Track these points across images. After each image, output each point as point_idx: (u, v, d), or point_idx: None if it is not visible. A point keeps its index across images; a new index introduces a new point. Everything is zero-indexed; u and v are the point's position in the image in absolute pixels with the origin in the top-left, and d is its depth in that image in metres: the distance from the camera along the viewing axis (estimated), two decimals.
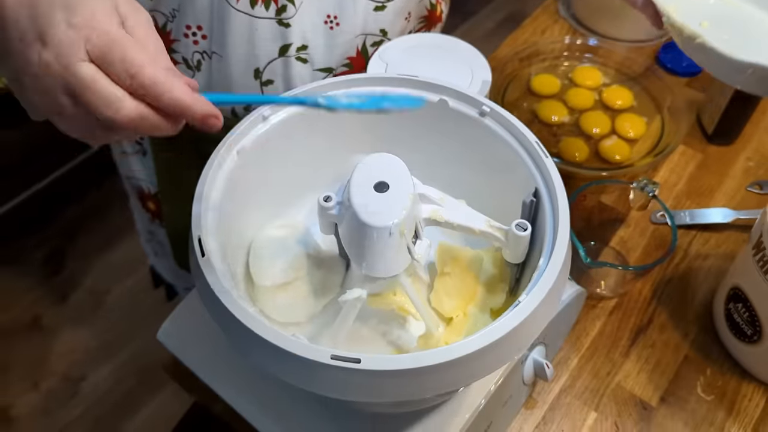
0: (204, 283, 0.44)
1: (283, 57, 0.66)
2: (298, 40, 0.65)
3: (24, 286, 1.68)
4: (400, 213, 0.46)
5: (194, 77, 0.67)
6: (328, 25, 0.66)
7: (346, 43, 0.66)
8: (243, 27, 0.64)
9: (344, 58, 0.67)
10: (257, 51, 0.65)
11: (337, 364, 0.40)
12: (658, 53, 0.92)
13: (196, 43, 0.66)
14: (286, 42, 0.65)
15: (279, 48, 0.65)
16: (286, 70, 0.67)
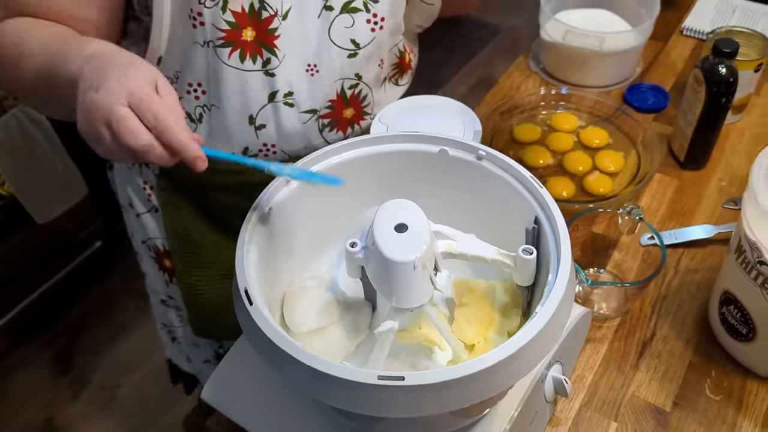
0: (255, 328, 0.48)
1: (272, 103, 0.74)
2: (284, 87, 0.74)
3: (35, 387, 1.68)
4: (421, 248, 0.51)
5: (197, 129, 0.76)
6: (309, 72, 0.74)
7: (326, 87, 0.75)
8: (235, 80, 0.72)
9: (326, 101, 0.76)
10: (249, 100, 0.74)
11: (384, 383, 0.45)
12: (625, 95, 1.01)
13: (197, 98, 0.74)
14: (274, 89, 0.73)
15: (268, 95, 0.74)
16: (276, 115, 0.75)
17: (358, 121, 0.80)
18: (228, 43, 0.70)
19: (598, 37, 0.95)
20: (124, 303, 1.86)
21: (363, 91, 0.78)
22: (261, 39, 0.71)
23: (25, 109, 1.43)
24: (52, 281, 1.72)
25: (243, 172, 0.74)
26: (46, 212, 1.58)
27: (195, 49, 0.71)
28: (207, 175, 0.57)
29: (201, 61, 0.72)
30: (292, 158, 0.78)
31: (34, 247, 1.68)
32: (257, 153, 0.78)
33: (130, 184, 0.88)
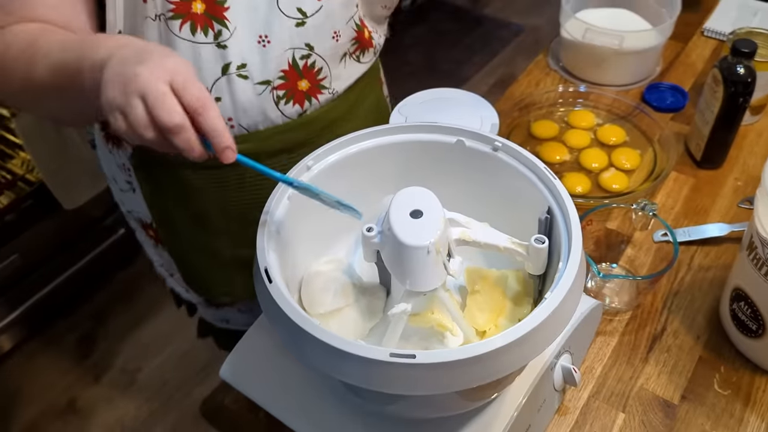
0: (274, 306, 0.51)
1: (226, 75, 0.75)
2: (237, 59, 0.75)
3: (58, 370, 1.73)
4: (435, 233, 0.53)
5: None
6: (261, 43, 0.75)
7: (277, 58, 0.75)
8: (188, 53, 0.73)
9: (279, 71, 0.76)
10: (203, 73, 0.74)
11: (395, 361, 0.46)
12: (644, 94, 1.01)
13: None
14: (226, 61, 0.74)
15: (221, 67, 0.74)
16: (230, 87, 0.75)
17: (315, 94, 0.80)
18: (178, 15, 0.71)
19: (617, 36, 0.96)
20: (147, 289, 1.90)
21: (317, 63, 0.78)
22: (211, 12, 0.72)
23: None
24: (78, 266, 1.77)
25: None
26: (73, 199, 1.62)
27: (147, 24, 0.72)
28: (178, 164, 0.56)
29: (154, 36, 0.73)
30: (250, 132, 0.79)
31: (61, 233, 1.72)
32: None
33: (114, 163, 0.90)
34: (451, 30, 2.66)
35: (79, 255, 1.77)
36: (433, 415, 0.60)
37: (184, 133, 0.51)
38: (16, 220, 1.64)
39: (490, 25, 2.69)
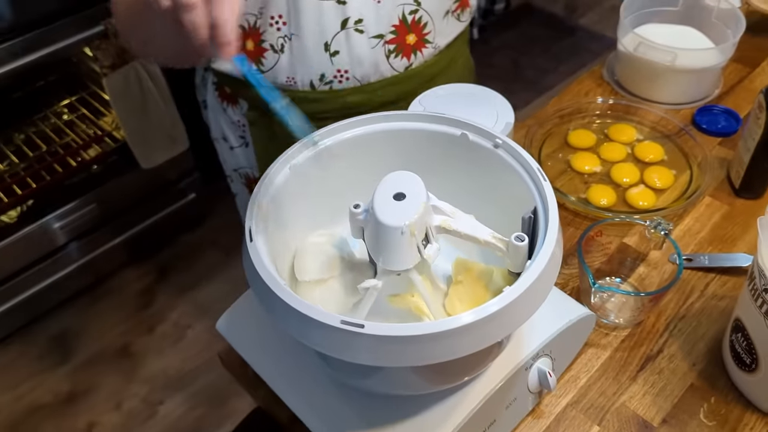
0: (249, 262, 0.54)
1: (344, 30, 0.83)
2: (355, 14, 0.82)
3: (119, 316, 1.86)
4: (412, 216, 0.55)
5: (279, 59, 0.85)
6: (375, 0, 0.82)
7: (389, 13, 0.83)
8: (313, 11, 0.81)
9: (390, 26, 0.84)
10: (324, 28, 0.82)
11: (345, 328, 0.49)
12: (694, 115, 0.98)
13: (278, 30, 0.84)
14: (345, 17, 0.82)
15: (340, 22, 0.82)
16: (348, 41, 0.83)
17: (420, 48, 0.87)
18: None
19: (670, 52, 0.93)
20: (207, 254, 2.00)
21: (423, 18, 0.85)
22: None
23: (144, 63, 1.58)
24: (148, 222, 1.89)
25: (319, 101, 0.87)
26: (151, 159, 1.73)
27: None
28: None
29: None
30: (362, 84, 0.87)
31: (138, 190, 1.85)
32: (332, 79, 0.87)
33: (224, 120, 1.00)
34: (542, 37, 2.63)
35: (150, 212, 1.89)
36: (398, 391, 0.62)
37: (193, 13, 0.51)
38: (101, 172, 1.77)
39: (582, 36, 2.63)
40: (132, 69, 1.57)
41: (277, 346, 0.68)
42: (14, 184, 1.65)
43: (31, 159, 1.72)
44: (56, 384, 1.71)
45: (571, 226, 0.86)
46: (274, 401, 0.68)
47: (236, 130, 0.99)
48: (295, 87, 0.87)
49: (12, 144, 1.75)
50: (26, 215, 1.68)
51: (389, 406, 0.63)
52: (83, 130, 1.79)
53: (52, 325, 1.83)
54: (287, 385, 0.67)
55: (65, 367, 1.75)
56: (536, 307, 0.53)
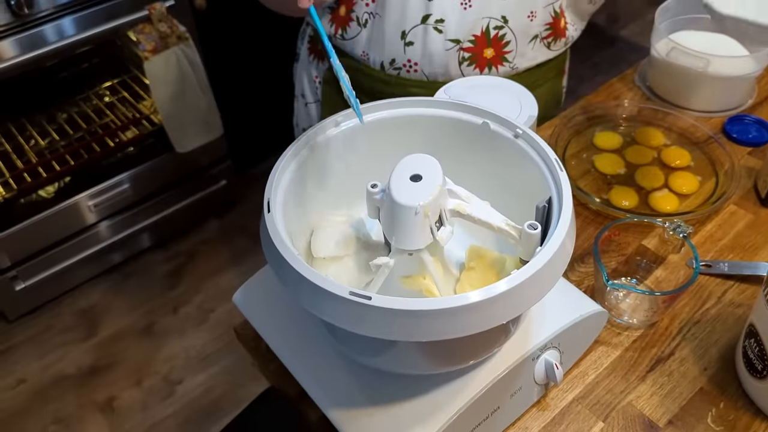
0: (266, 232, 0.56)
1: (424, 24, 0.85)
2: (438, 13, 0.83)
3: (145, 295, 1.90)
4: (427, 197, 0.56)
5: (360, 33, 0.88)
6: (463, 6, 0.84)
7: (473, 22, 0.84)
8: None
9: (470, 35, 0.85)
10: (405, 17, 0.84)
11: (353, 299, 0.50)
12: (725, 124, 0.97)
13: (366, 5, 0.87)
14: (428, 12, 0.84)
15: (422, 17, 0.84)
16: (425, 36, 0.85)
17: (497, 64, 0.88)
18: None
19: (703, 59, 0.93)
20: (236, 240, 2.04)
21: (507, 36, 0.86)
22: None
23: (185, 49, 1.62)
24: (180, 205, 1.93)
25: (386, 82, 0.90)
26: (185, 143, 1.77)
27: None
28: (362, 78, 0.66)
29: None
30: (429, 80, 0.89)
31: (171, 173, 1.89)
32: (401, 66, 0.89)
33: (306, 75, 1.04)
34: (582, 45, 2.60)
35: (182, 196, 1.93)
36: (404, 370, 0.63)
37: None
38: (136, 154, 1.82)
39: (622, 46, 2.61)
40: (172, 54, 1.61)
41: (289, 320, 0.70)
42: (53, 161, 1.71)
43: (71, 137, 1.77)
44: (80, 357, 1.76)
45: (592, 226, 0.86)
46: (283, 375, 0.70)
47: (313, 86, 1.03)
48: (367, 62, 0.90)
49: (55, 122, 1.81)
50: (63, 191, 1.73)
51: (395, 384, 0.64)
52: (123, 112, 1.84)
53: (80, 299, 1.88)
54: (296, 358, 0.68)
55: (90, 341, 1.80)
56: (544, 291, 0.53)
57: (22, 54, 1.43)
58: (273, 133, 2.12)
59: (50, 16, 1.47)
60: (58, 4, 1.47)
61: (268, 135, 2.13)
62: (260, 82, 2.01)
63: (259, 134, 2.12)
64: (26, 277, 1.73)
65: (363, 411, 0.62)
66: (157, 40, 1.58)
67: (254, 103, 2.03)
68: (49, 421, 1.63)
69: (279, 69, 1.92)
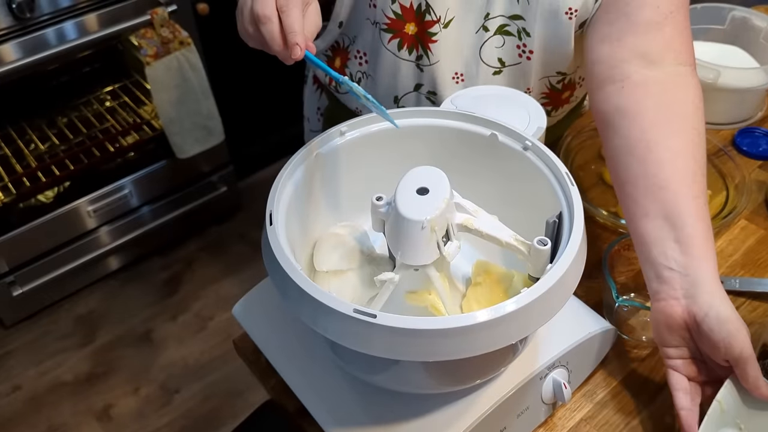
0: (267, 246, 0.54)
1: (416, 92, 0.83)
2: (429, 85, 0.82)
3: (144, 301, 1.88)
4: (434, 212, 0.55)
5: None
6: (455, 80, 0.82)
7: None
8: (390, 63, 0.82)
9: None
10: (398, 83, 0.83)
11: (357, 317, 0.48)
12: (735, 136, 0.95)
13: (360, 65, 0.86)
14: (420, 82, 0.82)
15: (414, 84, 0.83)
16: (418, 103, 0.84)
17: None
18: (391, 30, 0.80)
19: (713, 70, 0.91)
20: (235, 247, 2.02)
21: None
22: (420, 36, 0.79)
23: (186, 54, 1.60)
24: (180, 211, 1.91)
25: None
26: (186, 149, 1.76)
27: (366, 24, 0.82)
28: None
29: (368, 36, 0.82)
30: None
31: (171, 179, 1.87)
32: None
33: (311, 103, 1.03)
34: None
35: (182, 203, 1.92)
36: (408, 389, 0.61)
37: (269, 24, 0.56)
38: (136, 159, 1.80)
39: None
40: (174, 59, 1.60)
41: (290, 335, 0.68)
42: (53, 165, 1.69)
43: (71, 142, 1.76)
44: (78, 363, 1.74)
45: (600, 239, 0.84)
46: (283, 391, 0.68)
47: (315, 116, 1.03)
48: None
49: (55, 126, 1.79)
50: (62, 196, 1.71)
51: (398, 403, 0.62)
52: (123, 117, 1.82)
53: (79, 305, 1.86)
54: (297, 374, 0.66)
55: (88, 347, 1.77)
56: (554, 311, 0.52)
57: (24, 58, 1.42)
58: (275, 139, 2.12)
59: (52, 19, 1.46)
60: (60, 7, 1.46)
61: (270, 142, 2.13)
62: (262, 89, 1.99)
63: (261, 141, 2.11)
64: (24, 282, 1.72)
65: (367, 431, 0.60)
66: (158, 46, 1.56)
67: (256, 110, 2.02)
68: (44, 428, 1.61)
69: (282, 76, 1.92)
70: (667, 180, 0.64)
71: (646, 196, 0.64)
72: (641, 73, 0.70)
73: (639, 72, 0.70)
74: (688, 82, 0.70)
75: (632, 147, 0.67)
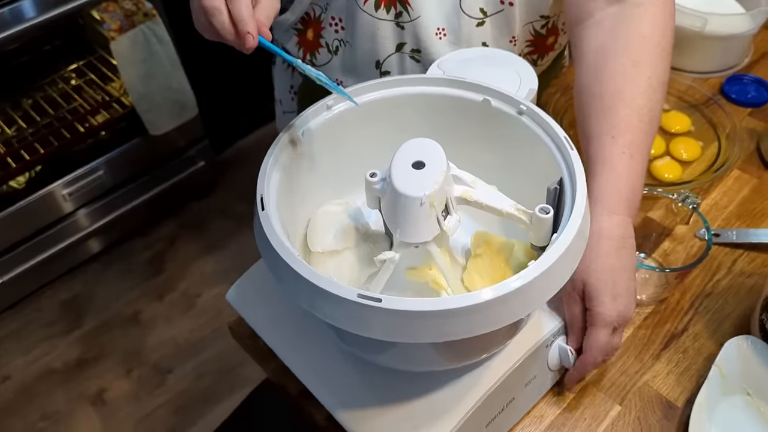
0: (261, 231, 0.52)
1: (399, 53, 0.79)
2: (413, 43, 0.78)
3: (128, 284, 1.85)
4: (432, 186, 0.53)
5: (331, 60, 0.83)
6: (438, 36, 0.78)
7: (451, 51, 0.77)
8: (367, 25, 0.78)
9: None
10: (378, 46, 0.79)
11: (362, 302, 0.47)
12: (723, 84, 0.94)
13: (336, 32, 0.81)
14: (402, 41, 0.78)
15: (396, 45, 0.79)
16: (401, 65, 0.80)
17: None
18: None
19: (700, 18, 0.89)
20: (217, 222, 1.98)
21: None
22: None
23: (152, 26, 1.54)
24: (158, 189, 1.86)
25: None
26: (159, 125, 1.70)
27: None
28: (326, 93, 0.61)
29: (341, 2, 0.78)
30: None
31: (146, 157, 1.82)
32: None
33: (282, 82, 0.99)
34: None
35: (159, 180, 1.87)
36: (413, 367, 0.60)
37: (219, 15, 0.54)
38: (109, 139, 1.75)
39: None
40: (140, 32, 1.54)
41: (287, 317, 0.67)
42: (22, 150, 1.63)
43: (39, 124, 1.69)
44: (67, 350, 1.71)
45: None
46: (284, 373, 0.67)
47: (288, 96, 0.99)
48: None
49: (20, 109, 1.73)
50: (34, 181, 1.66)
51: (403, 381, 0.61)
52: (91, 95, 1.76)
53: (62, 291, 1.83)
54: (298, 357, 0.65)
55: (75, 333, 1.75)
56: (561, 283, 0.50)
57: None
58: (250, 110, 2.07)
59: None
60: None
61: (245, 112, 2.07)
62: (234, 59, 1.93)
63: (236, 112, 2.05)
64: (4, 271, 1.67)
65: (373, 411, 0.59)
66: (122, 19, 1.50)
67: (229, 81, 1.96)
68: (37, 417, 1.59)
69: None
70: (590, 129, 0.66)
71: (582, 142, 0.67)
72: (603, 10, 0.70)
73: (601, 10, 0.70)
74: (642, 14, 0.68)
75: (576, 92, 0.70)
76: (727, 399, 0.64)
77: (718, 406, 0.63)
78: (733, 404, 0.64)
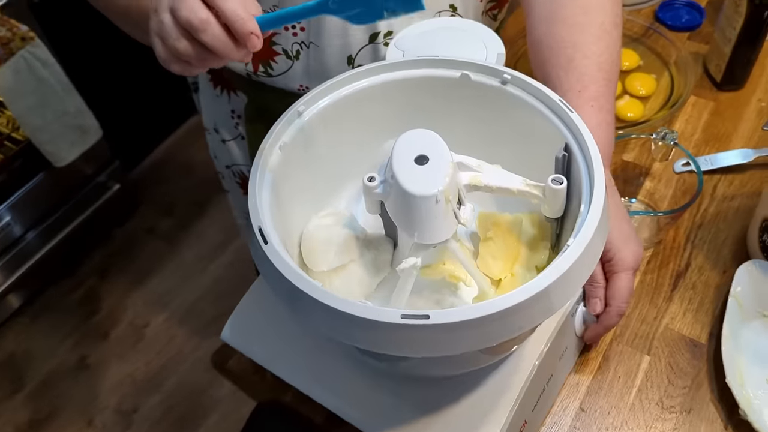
0: (271, 268, 0.46)
1: (373, 44, 0.73)
2: (385, 27, 0.72)
3: (65, 329, 1.72)
4: (444, 180, 0.48)
5: (292, 66, 0.75)
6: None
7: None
8: (337, 22, 0.70)
9: None
10: (350, 40, 0.72)
11: (408, 322, 0.42)
12: (656, 12, 0.94)
13: (295, 35, 0.73)
14: (375, 30, 0.72)
15: (369, 36, 0.72)
16: (375, 55, 0.74)
17: None
18: None
19: None
20: (146, 244, 1.87)
21: None
22: None
23: (33, 51, 1.40)
24: (74, 224, 1.73)
25: None
26: (62, 155, 1.56)
27: None
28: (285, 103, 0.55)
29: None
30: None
31: (55, 192, 1.68)
32: None
33: (216, 110, 0.89)
34: None
35: (75, 213, 1.73)
36: (449, 372, 0.57)
37: (211, 28, 0.46)
38: (7, 180, 1.59)
39: None
40: (21, 59, 1.39)
41: (295, 344, 0.62)
42: None
43: None
44: (14, 414, 1.58)
45: None
46: (301, 401, 0.62)
47: (229, 122, 0.88)
48: None
49: None
50: None
51: (439, 388, 0.58)
52: None
53: None
54: (317, 385, 0.60)
55: (19, 395, 1.61)
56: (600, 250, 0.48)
57: None
58: (156, 120, 1.94)
59: None
60: None
61: (150, 124, 1.94)
62: (128, 70, 1.79)
63: (141, 125, 1.92)
64: None
65: (417, 425, 0.56)
66: None
67: (127, 95, 1.82)
68: None
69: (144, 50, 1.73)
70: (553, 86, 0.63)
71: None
72: None
73: None
74: None
75: (531, 45, 0.70)
76: (747, 325, 0.64)
77: (741, 334, 0.64)
78: (753, 329, 0.64)
